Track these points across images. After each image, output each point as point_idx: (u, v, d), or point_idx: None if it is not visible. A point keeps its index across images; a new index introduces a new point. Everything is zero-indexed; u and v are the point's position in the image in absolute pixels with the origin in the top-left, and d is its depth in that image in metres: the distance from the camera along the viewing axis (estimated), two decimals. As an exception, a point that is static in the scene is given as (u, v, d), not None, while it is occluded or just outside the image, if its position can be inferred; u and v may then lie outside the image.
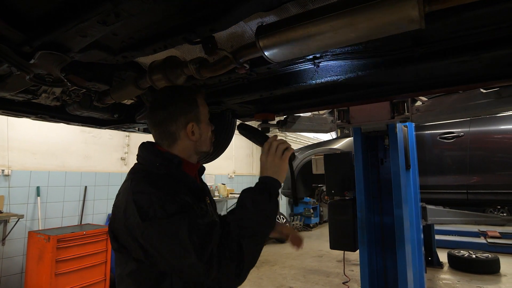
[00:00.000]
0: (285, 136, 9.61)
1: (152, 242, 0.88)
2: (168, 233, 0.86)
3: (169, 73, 1.28)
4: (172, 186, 0.97)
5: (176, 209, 0.88)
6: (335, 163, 2.66)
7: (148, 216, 0.87)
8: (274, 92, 1.53)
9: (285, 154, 1.08)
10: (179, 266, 0.87)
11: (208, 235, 0.87)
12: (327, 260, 6.21)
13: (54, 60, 1.07)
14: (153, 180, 0.97)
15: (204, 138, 1.13)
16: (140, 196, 0.92)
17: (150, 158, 1.07)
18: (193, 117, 1.10)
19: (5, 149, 3.99)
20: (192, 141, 1.10)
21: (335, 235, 2.59)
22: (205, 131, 1.14)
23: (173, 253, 0.86)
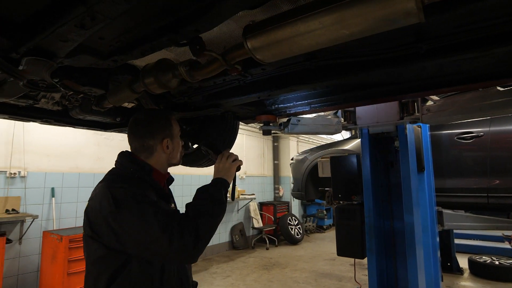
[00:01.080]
0: (298, 138, 9.51)
1: (123, 225, 1.03)
2: (137, 216, 1.03)
3: (160, 76, 1.25)
4: (143, 186, 1.15)
5: (145, 200, 1.07)
6: (342, 165, 2.57)
7: (122, 204, 1.05)
8: (272, 93, 1.47)
9: (235, 162, 1.35)
10: (145, 242, 1.03)
11: (170, 216, 1.06)
12: (340, 264, 6.07)
13: (42, 66, 1.06)
14: (127, 179, 1.16)
15: (175, 151, 1.34)
16: (116, 190, 1.09)
17: (126, 164, 1.24)
18: (168, 134, 1.30)
19: (21, 151, 4.10)
20: (166, 154, 1.30)
21: (342, 241, 2.49)
22: (176, 145, 1.35)
23: (140, 231, 1.02)
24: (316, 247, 7.57)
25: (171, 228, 1.01)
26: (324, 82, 1.32)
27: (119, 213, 1.03)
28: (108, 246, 1.07)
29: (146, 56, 1.42)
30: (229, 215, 7.40)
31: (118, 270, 1.06)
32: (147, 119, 1.31)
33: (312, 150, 4.51)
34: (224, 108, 1.74)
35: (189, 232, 1.03)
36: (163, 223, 1.02)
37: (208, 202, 1.16)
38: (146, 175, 1.21)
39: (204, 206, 1.14)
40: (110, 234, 1.04)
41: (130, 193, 1.07)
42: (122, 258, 1.07)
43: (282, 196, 9.11)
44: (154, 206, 1.06)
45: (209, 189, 1.22)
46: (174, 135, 1.33)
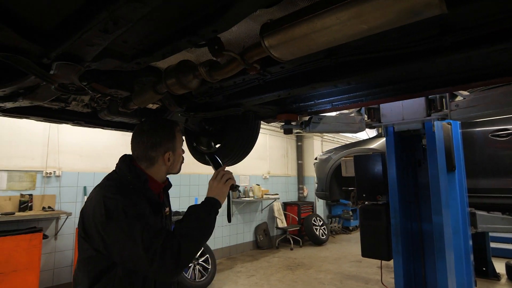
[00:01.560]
0: (322, 136, 9.37)
1: (111, 236, 1.09)
2: (124, 231, 1.08)
3: (181, 77, 1.28)
4: (135, 198, 1.18)
5: (134, 215, 1.11)
6: (366, 164, 2.49)
7: (112, 216, 1.09)
8: (292, 92, 1.46)
9: (228, 182, 1.38)
10: (129, 256, 1.08)
11: (155, 236, 1.08)
12: (367, 266, 5.92)
13: (71, 70, 1.12)
14: (121, 190, 1.19)
15: (176, 163, 1.38)
16: (109, 200, 1.13)
17: (124, 171, 1.28)
18: (171, 147, 1.34)
19: (56, 152, 4.35)
20: (166, 166, 1.35)
21: (367, 242, 2.42)
22: (178, 157, 1.38)
23: (125, 246, 1.07)
24: (341, 249, 7.43)
25: (154, 249, 1.05)
26: (345, 79, 1.30)
27: (108, 225, 1.09)
28: (97, 249, 1.13)
29: (169, 58, 1.48)
30: (253, 214, 7.43)
31: (103, 271, 1.13)
32: (151, 131, 1.34)
33: (336, 149, 4.43)
34: (244, 107, 1.75)
35: (171, 254, 1.06)
36: (148, 242, 1.06)
37: (196, 225, 1.18)
38: (141, 185, 1.25)
39: (191, 230, 1.16)
40: (99, 240, 1.11)
41: (121, 206, 1.11)
42: (109, 262, 1.13)
43: (306, 196, 9.02)
44: (142, 223, 1.09)
45: (199, 211, 1.24)
46: (177, 148, 1.37)
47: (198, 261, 4.73)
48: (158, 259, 1.04)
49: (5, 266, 3.30)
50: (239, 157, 2.35)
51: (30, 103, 1.52)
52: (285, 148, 8.85)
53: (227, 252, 6.67)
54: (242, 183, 7.20)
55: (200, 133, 2.46)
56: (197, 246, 1.16)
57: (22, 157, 4.04)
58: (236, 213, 6.98)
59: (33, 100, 1.47)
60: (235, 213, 6.95)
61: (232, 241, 6.82)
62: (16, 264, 3.37)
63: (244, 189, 7.14)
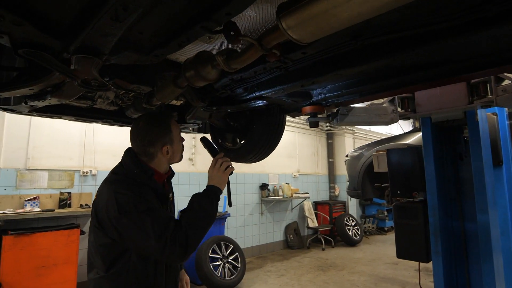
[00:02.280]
0: (352, 130, 9.06)
1: (125, 229, 1.20)
2: (137, 224, 1.18)
3: (200, 69, 1.25)
4: (143, 191, 1.28)
5: (144, 208, 1.21)
6: (400, 159, 2.32)
7: (124, 210, 1.20)
8: (316, 80, 1.38)
9: (227, 170, 1.43)
10: (142, 246, 1.21)
11: (165, 227, 1.18)
12: (403, 268, 5.62)
13: (90, 64, 1.12)
14: (131, 185, 1.28)
15: (176, 153, 1.45)
16: (120, 195, 1.22)
17: (131, 166, 1.36)
18: (168, 140, 1.41)
19: (92, 152, 4.55)
20: (166, 158, 1.42)
21: (403, 242, 2.25)
22: (177, 148, 1.45)
23: (139, 237, 1.19)
24: (376, 250, 7.12)
25: (164, 239, 1.16)
26: (374, 63, 1.19)
27: (121, 219, 1.19)
28: (112, 238, 1.24)
29: (189, 52, 1.46)
30: (282, 213, 7.34)
31: (118, 256, 1.24)
32: (147, 127, 1.42)
33: (368, 145, 4.22)
34: (267, 100, 1.69)
35: (180, 243, 1.18)
36: (159, 233, 1.16)
37: (200, 215, 1.28)
38: (148, 179, 1.33)
39: (196, 219, 1.26)
40: (114, 231, 1.22)
41: (132, 201, 1.21)
42: (123, 248, 1.25)
43: (338, 196, 8.77)
44: (152, 216, 1.19)
45: (202, 201, 1.31)
46: (174, 139, 1.43)
47: (228, 259, 4.74)
48: (168, 247, 1.16)
49: (46, 260, 3.49)
50: (264, 153, 2.29)
51: (58, 101, 1.57)
52: (315, 146, 8.65)
53: (257, 251, 6.64)
54: (271, 182, 7.14)
55: (225, 129, 2.43)
56: (202, 233, 1.26)
57: (61, 157, 4.27)
58: (265, 212, 6.93)
59: (60, 97, 1.51)
60: (264, 212, 6.90)
61: (262, 240, 6.78)
62: (55, 258, 3.56)
63: (273, 188, 7.08)
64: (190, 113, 2.07)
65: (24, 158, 3.97)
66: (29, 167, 3.99)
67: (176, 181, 5.37)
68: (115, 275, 1.24)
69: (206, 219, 1.28)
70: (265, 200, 6.84)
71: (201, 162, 5.81)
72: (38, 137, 4.10)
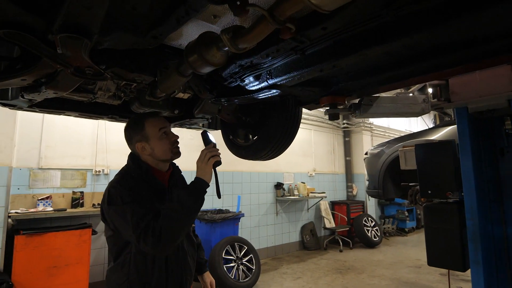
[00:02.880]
0: (365, 124, 8.75)
1: (113, 219, 1.31)
2: (119, 214, 1.28)
3: (204, 52, 1.09)
4: (135, 185, 1.36)
5: (129, 200, 1.29)
6: (432, 155, 2.07)
7: (112, 202, 1.31)
8: (337, 63, 1.19)
9: (210, 161, 1.41)
10: (126, 235, 1.30)
11: (142, 218, 1.24)
12: (427, 272, 5.31)
13: (78, 45, 0.98)
14: (124, 179, 1.39)
15: (157, 150, 1.47)
16: (112, 189, 1.34)
17: (129, 161, 1.50)
18: (141, 138, 1.47)
19: (105, 151, 4.50)
20: (146, 155, 1.48)
21: (435, 249, 2.01)
22: (157, 145, 1.47)
23: (122, 227, 1.29)
24: (397, 252, 6.81)
25: (139, 229, 1.22)
26: (407, 38, 1.00)
27: (109, 210, 1.31)
28: (112, 229, 1.35)
29: (194, 36, 1.30)
30: (298, 213, 7.14)
31: (121, 248, 1.34)
32: (126, 127, 1.55)
33: (389, 142, 3.97)
34: (281, 89, 1.51)
35: (153, 233, 1.21)
36: (135, 224, 1.23)
37: (177, 206, 1.28)
38: (144, 173, 1.42)
39: (172, 210, 1.27)
40: (110, 223, 1.34)
41: (119, 194, 1.30)
42: (125, 239, 1.33)
43: (356, 195, 8.48)
44: (133, 208, 1.26)
45: (181, 193, 1.32)
46: (150, 136, 1.46)
47: (242, 260, 4.60)
48: (142, 237, 1.21)
49: (58, 260, 3.45)
50: (278, 150, 2.12)
51: (55, 93, 1.45)
52: (332, 144, 8.39)
53: (272, 252, 6.47)
54: (286, 181, 6.94)
55: (236, 124, 2.27)
56: (177, 225, 1.26)
57: (74, 156, 4.24)
58: (280, 212, 6.74)
59: (56, 89, 1.39)
60: (279, 212, 6.71)
61: (277, 240, 6.60)
62: (67, 258, 3.50)
63: (288, 187, 6.88)
64: (198, 106, 1.93)
65: (37, 157, 3.95)
66: (42, 167, 3.97)
67: (189, 180, 5.26)
68: (119, 266, 1.33)
69: (184, 210, 1.28)
70: (280, 199, 6.66)
71: (214, 161, 5.68)
72: (50, 136, 4.08)
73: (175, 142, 1.52)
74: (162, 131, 1.49)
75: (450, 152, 1.99)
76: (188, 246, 1.51)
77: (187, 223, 1.31)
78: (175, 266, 1.41)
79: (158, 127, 1.49)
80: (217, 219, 4.63)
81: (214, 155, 1.43)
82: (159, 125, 1.50)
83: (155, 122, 1.51)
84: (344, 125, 8.59)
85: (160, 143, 1.47)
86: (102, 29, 0.97)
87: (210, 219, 4.64)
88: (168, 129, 1.53)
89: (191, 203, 1.30)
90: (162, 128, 1.50)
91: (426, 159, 2.09)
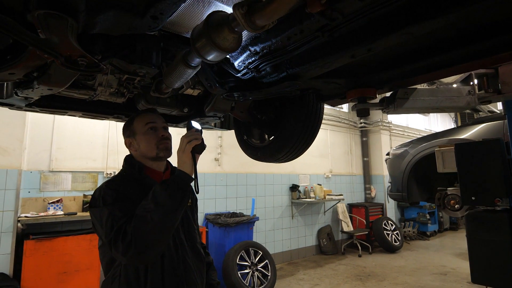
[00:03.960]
0: (389, 124, 8.41)
1: (92, 221, 1.19)
2: (97, 218, 1.14)
3: (213, 34, 0.91)
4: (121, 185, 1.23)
5: (110, 201, 1.15)
6: (475, 155, 1.82)
7: (93, 204, 1.19)
8: (373, 47, 0.99)
9: (187, 147, 1.19)
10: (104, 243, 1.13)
11: (117, 220, 1.09)
12: (454, 280, 4.98)
13: (62, 27, 0.81)
14: (112, 180, 1.28)
15: (143, 146, 1.34)
16: (97, 191, 1.22)
17: (124, 163, 1.39)
18: (129, 133, 1.39)
19: (116, 153, 4.41)
20: (135, 152, 1.38)
21: (480, 264, 1.76)
22: (143, 141, 1.34)
23: (99, 232, 1.16)
24: (419, 257, 6.46)
25: (110, 235, 1.07)
26: (467, 8, 0.79)
27: (92, 212, 1.18)
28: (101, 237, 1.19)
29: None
30: (314, 216, 6.89)
31: (112, 260, 1.19)
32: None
33: (413, 142, 3.70)
34: (303, 81, 1.32)
35: (122, 239, 1.05)
36: (109, 227, 1.08)
37: (153, 207, 1.09)
38: (136, 172, 1.31)
39: (146, 210, 1.09)
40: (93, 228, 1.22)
41: (102, 195, 1.18)
42: None
43: (374, 197, 8.15)
44: (112, 209, 1.12)
45: (156, 189, 1.13)
46: (137, 132, 1.36)
47: (257, 267, 4.40)
48: (113, 243, 1.06)
49: (68, 266, 3.35)
50: (297, 151, 1.92)
51: (50, 89, 1.30)
52: (349, 144, 8.10)
53: (288, 257, 6.25)
54: (302, 183, 6.71)
55: (250, 123, 2.09)
56: (152, 227, 1.06)
57: (85, 158, 4.15)
58: (296, 215, 6.52)
59: (50, 84, 1.24)
60: (295, 215, 6.49)
61: (293, 244, 6.37)
62: (78, 264, 3.40)
63: (304, 189, 6.65)
64: (209, 103, 1.75)
65: (48, 160, 3.88)
66: (53, 169, 3.89)
67: (202, 182, 5.12)
68: (110, 279, 1.19)
69: (158, 209, 1.08)
70: (296, 202, 6.43)
71: (227, 163, 5.52)
72: (61, 138, 4.01)
73: (163, 138, 1.36)
74: (149, 126, 1.36)
75: (497, 152, 1.73)
76: (193, 259, 1.32)
77: (164, 225, 1.09)
78: (174, 281, 1.22)
79: (145, 122, 1.37)
80: (231, 223, 4.46)
81: (192, 139, 1.20)
82: (146, 120, 1.38)
83: (143, 116, 1.40)
84: (362, 124, 8.28)
85: (144, 138, 1.35)
86: (90, 6, 0.80)
87: (223, 223, 4.47)
88: (157, 125, 1.38)
89: (166, 200, 1.09)
90: (149, 122, 1.37)
91: (468, 161, 1.83)
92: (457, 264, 5.85)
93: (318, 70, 1.19)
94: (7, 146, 3.40)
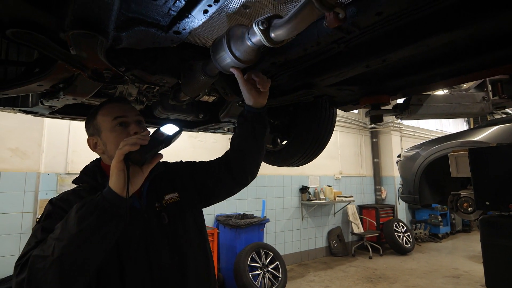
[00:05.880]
0: (400, 128, 8.34)
1: None
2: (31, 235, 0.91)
3: (233, 48, 0.95)
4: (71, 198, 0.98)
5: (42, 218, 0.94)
6: (490, 160, 1.82)
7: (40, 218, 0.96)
8: (389, 57, 1.01)
9: (117, 154, 0.88)
10: None
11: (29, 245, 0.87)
12: (467, 283, 4.92)
13: (93, 44, 0.86)
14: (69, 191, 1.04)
15: (109, 146, 1.06)
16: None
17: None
18: (92, 131, 1.11)
19: (129, 156, 4.49)
20: (102, 155, 1.10)
21: (496, 270, 1.75)
22: (108, 138, 1.06)
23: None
24: (431, 260, 6.39)
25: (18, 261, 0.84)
26: (487, 21, 0.81)
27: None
28: None
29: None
30: (324, 218, 6.88)
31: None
32: None
33: (425, 144, 3.68)
34: (317, 89, 1.35)
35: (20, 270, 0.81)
36: (23, 253, 0.86)
37: (58, 234, 0.81)
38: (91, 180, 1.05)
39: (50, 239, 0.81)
40: None
41: (46, 210, 0.96)
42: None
43: (385, 199, 8.09)
44: (35, 229, 0.91)
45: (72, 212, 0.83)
46: (102, 129, 1.08)
47: (268, 268, 4.43)
48: (15, 272, 0.82)
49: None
50: (310, 156, 1.95)
51: (74, 99, 1.36)
52: (359, 145, 8.06)
53: (298, 258, 6.26)
54: (312, 184, 6.71)
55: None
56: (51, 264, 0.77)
57: (99, 161, 4.24)
58: (306, 217, 6.52)
59: (75, 94, 1.30)
60: (305, 217, 6.49)
61: (303, 246, 6.38)
62: (93, 264, 3.48)
63: (314, 191, 6.65)
64: (224, 110, 1.80)
65: (64, 162, 3.98)
66: (69, 172, 3.99)
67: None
68: None
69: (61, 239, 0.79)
70: (306, 203, 6.44)
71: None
72: (77, 141, 4.10)
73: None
74: (117, 121, 1.07)
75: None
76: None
77: (63, 263, 0.78)
78: None
79: (112, 116, 1.07)
80: (242, 224, 4.50)
81: (125, 144, 0.88)
82: (114, 113, 1.08)
83: (110, 108, 1.09)
84: (372, 125, 8.23)
85: (111, 136, 1.05)
86: (118, 23, 0.85)
87: (234, 225, 4.51)
88: (128, 119, 1.08)
89: (73, 227, 0.79)
90: (118, 117, 1.07)
91: (483, 166, 1.83)
92: (470, 267, 5.77)
93: (333, 79, 1.22)
94: (27, 150, 3.51)
